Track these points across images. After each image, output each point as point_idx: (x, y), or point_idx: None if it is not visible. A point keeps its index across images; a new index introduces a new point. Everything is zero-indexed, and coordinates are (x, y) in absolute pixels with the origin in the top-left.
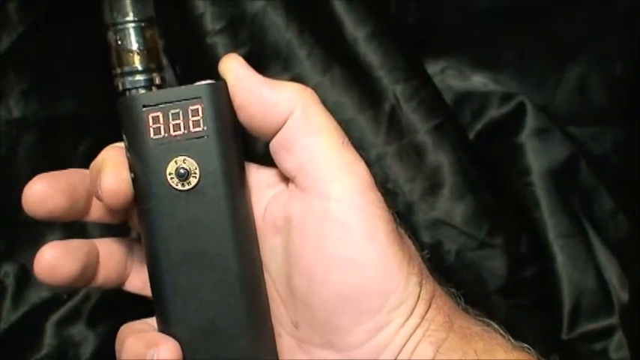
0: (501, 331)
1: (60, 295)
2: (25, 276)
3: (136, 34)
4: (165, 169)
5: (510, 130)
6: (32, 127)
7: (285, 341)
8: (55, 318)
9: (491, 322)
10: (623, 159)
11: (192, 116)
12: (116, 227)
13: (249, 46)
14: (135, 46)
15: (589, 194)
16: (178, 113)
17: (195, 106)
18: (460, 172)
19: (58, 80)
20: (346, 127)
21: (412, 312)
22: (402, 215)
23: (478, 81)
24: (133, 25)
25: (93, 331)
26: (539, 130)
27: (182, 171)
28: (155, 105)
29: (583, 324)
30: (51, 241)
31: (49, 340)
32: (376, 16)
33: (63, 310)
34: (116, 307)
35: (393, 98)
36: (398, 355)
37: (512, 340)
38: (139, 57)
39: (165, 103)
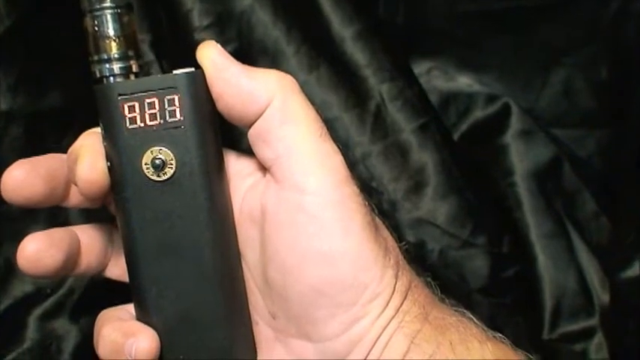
0: (476, 321)
1: (43, 289)
2: (9, 269)
3: (113, 20)
4: (141, 160)
5: (495, 131)
6: (19, 121)
7: (263, 330)
8: (38, 312)
9: (466, 312)
10: (607, 162)
11: (169, 106)
12: (98, 213)
13: (237, 42)
14: (112, 32)
15: (572, 196)
16: (154, 103)
17: (172, 96)
18: (444, 172)
19: (45, 74)
20: (332, 126)
21: (387, 304)
22: (386, 214)
23: (464, 82)
24: (109, 11)
25: (76, 325)
26: (524, 132)
27: (158, 161)
28: (131, 94)
29: (564, 325)
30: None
31: (31, 333)
32: (363, 15)
33: (46, 304)
34: (99, 302)
35: (379, 97)
36: (373, 346)
37: (487, 330)
38: (115, 43)
39: (142, 92)
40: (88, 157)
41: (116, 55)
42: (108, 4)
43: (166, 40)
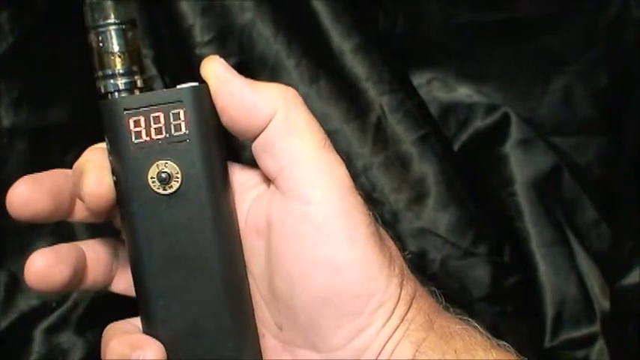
0: (480, 329)
1: (49, 302)
2: (15, 284)
3: (117, 36)
4: (147, 173)
5: (495, 140)
6: (23, 136)
7: (269, 342)
8: (43, 325)
9: (471, 320)
10: (607, 169)
11: (174, 120)
12: (104, 227)
13: (238, 56)
14: (116, 48)
15: (572, 204)
16: (160, 117)
17: (177, 110)
18: (445, 183)
19: (48, 89)
20: (333, 138)
21: (392, 313)
22: (388, 224)
23: (463, 92)
24: (114, 27)
25: (82, 339)
26: (523, 141)
27: (163, 175)
28: (136, 108)
29: (565, 332)
30: (40, 247)
31: (37, 347)
32: (362, 28)
33: (52, 318)
34: (105, 315)
35: (379, 109)
36: (379, 355)
37: (492, 339)
38: (120, 59)
39: (147, 106)
40: (94, 171)
41: (121, 71)
42: (112, 20)
43: (168, 55)
